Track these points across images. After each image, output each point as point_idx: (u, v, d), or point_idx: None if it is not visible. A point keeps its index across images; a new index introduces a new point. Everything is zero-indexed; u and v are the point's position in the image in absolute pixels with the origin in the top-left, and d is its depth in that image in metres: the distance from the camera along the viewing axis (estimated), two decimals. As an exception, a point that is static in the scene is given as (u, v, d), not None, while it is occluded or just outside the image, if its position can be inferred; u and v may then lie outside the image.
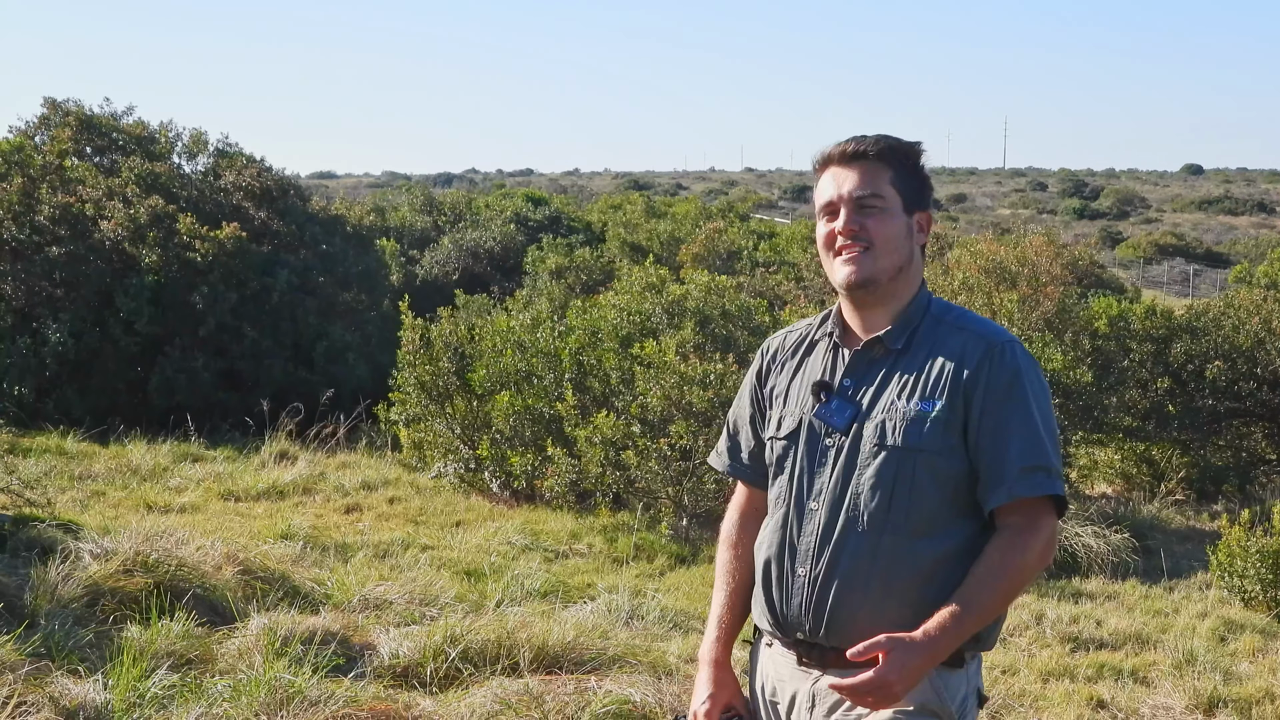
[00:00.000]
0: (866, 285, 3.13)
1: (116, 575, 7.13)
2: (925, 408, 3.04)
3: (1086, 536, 11.77)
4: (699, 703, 3.23)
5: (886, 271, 3.13)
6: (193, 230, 17.17)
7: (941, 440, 3.03)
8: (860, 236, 3.11)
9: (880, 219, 3.11)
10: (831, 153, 3.20)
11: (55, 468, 12.37)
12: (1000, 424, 3.02)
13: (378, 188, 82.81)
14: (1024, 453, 3.01)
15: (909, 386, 3.08)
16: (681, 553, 10.85)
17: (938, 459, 3.03)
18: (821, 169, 3.22)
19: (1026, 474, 3.00)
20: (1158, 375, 16.73)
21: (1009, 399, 3.03)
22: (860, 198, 3.12)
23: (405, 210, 36.55)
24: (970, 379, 3.04)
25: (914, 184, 3.18)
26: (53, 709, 5.23)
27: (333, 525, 10.78)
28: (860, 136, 3.18)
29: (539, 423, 12.76)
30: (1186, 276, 51.23)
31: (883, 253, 3.11)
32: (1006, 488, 3.00)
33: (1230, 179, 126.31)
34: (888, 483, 3.04)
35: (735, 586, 3.34)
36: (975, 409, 3.03)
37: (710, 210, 41.02)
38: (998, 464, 3.01)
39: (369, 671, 6.39)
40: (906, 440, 3.04)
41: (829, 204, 3.17)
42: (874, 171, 3.13)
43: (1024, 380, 3.06)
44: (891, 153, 3.16)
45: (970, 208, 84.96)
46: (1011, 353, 3.08)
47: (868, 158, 3.14)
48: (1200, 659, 8.18)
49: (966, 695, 3.09)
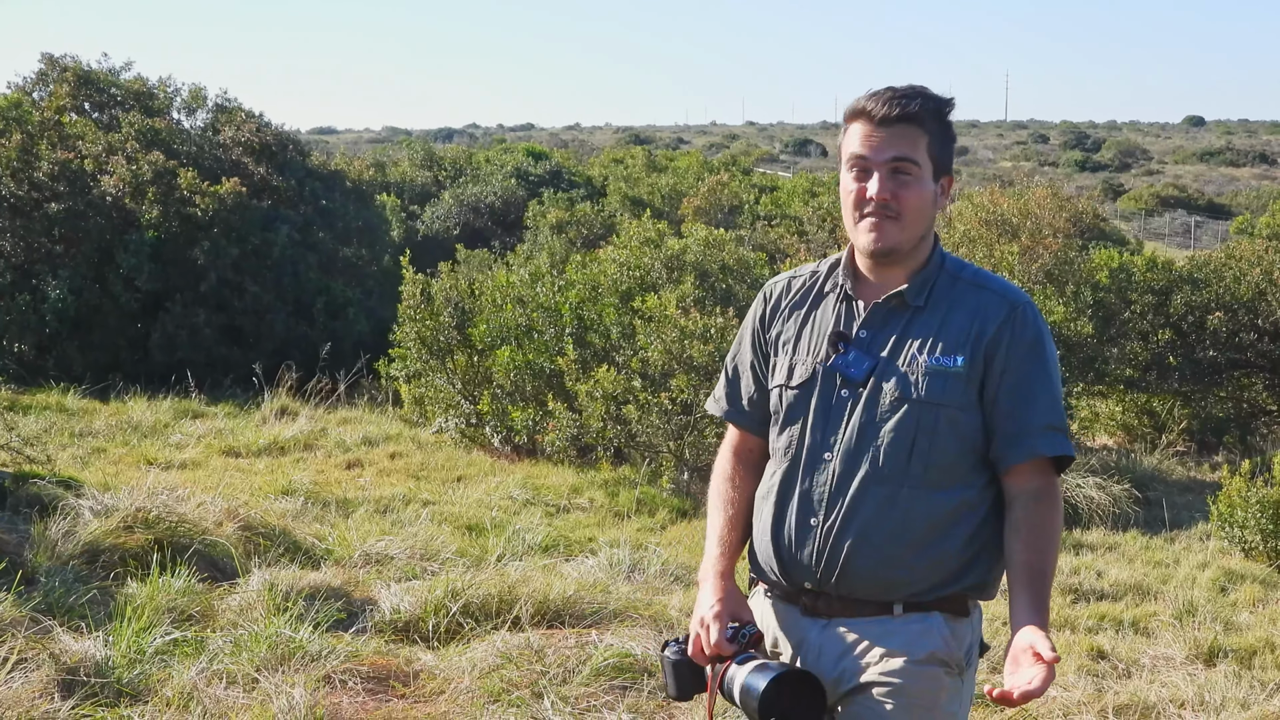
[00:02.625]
0: (888, 254, 3.10)
1: (117, 532, 7.13)
2: (948, 362, 3.03)
3: (1088, 488, 11.79)
4: (706, 608, 3.12)
5: (910, 241, 3.10)
6: (193, 186, 17.10)
7: (963, 395, 3.03)
8: (890, 206, 3.05)
9: (913, 187, 3.05)
10: (870, 109, 3.06)
11: (55, 425, 12.37)
12: (1021, 383, 3.03)
13: (378, 143, 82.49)
14: (1046, 412, 3.03)
15: (930, 341, 3.06)
16: (683, 506, 10.86)
17: (959, 413, 3.03)
18: (853, 119, 3.10)
19: (1048, 433, 3.02)
20: (1159, 327, 16.74)
21: (1031, 360, 3.04)
22: (897, 165, 3.04)
23: (406, 165, 36.47)
24: (994, 338, 3.04)
25: (946, 148, 3.11)
26: (54, 665, 5.23)
27: (334, 481, 10.78)
28: (902, 95, 3.05)
29: (540, 377, 12.75)
30: (1188, 228, 51.20)
31: (910, 223, 3.07)
32: (1029, 445, 3.01)
33: (1232, 130, 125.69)
34: (908, 435, 3.03)
35: (735, 513, 3.30)
36: (997, 367, 3.03)
37: (712, 164, 40.91)
38: (1020, 422, 3.02)
39: (370, 626, 6.40)
40: (930, 394, 3.03)
41: (862, 160, 3.07)
42: (912, 136, 3.04)
43: (1045, 342, 3.08)
44: (930, 116, 3.06)
45: (972, 160, 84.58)
46: (1034, 314, 3.08)
47: (908, 121, 3.04)
48: (1201, 609, 8.20)
49: (971, 644, 3.12)
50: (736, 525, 3.29)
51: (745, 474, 3.34)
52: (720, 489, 3.37)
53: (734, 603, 3.14)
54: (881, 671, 3.02)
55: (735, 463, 3.38)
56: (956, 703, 3.08)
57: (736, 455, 3.39)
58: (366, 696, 5.54)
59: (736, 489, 3.34)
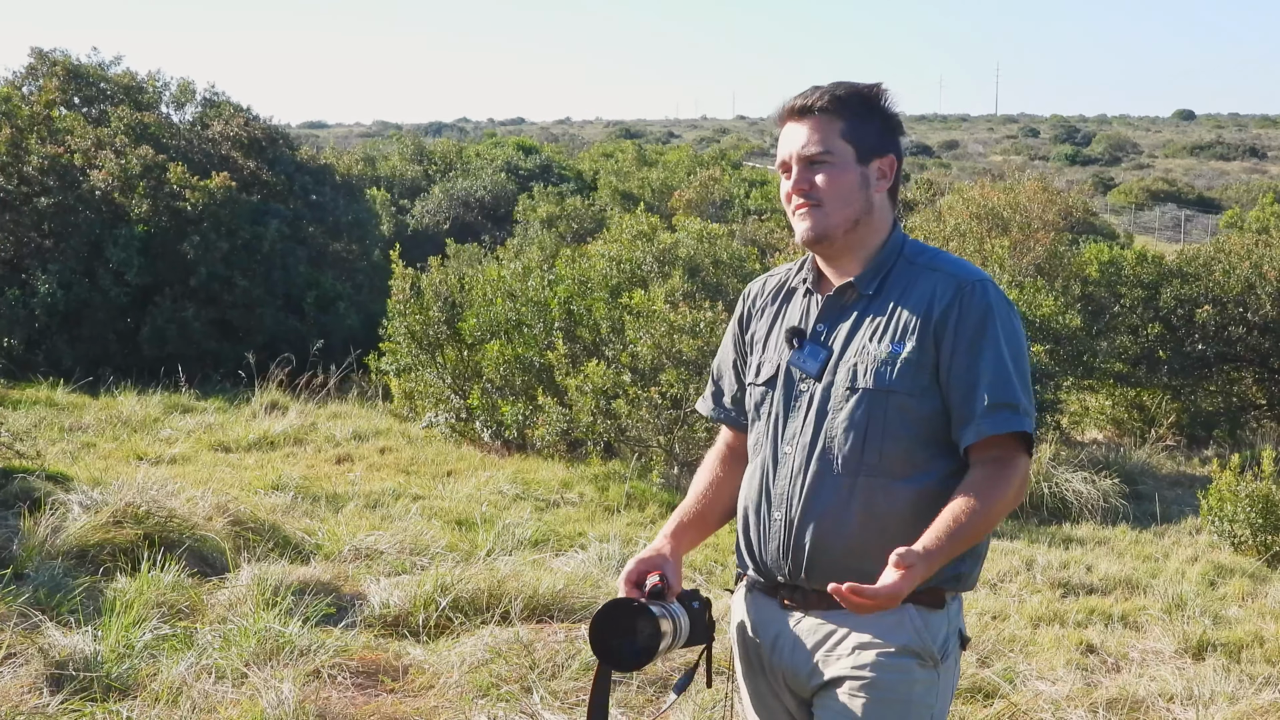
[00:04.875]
0: (820, 241, 3.12)
1: (107, 527, 7.12)
2: (895, 349, 3.03)
3: (1077, 482, 11.81)
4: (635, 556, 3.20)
5: (840, 226, 3.10)
6: (183, 180, 17.09)
7: (913, 381, 3.02)
8: (810, 194, 3.09)
9: (830, 174, 3.08)
10: (785, 108, 3.16)
11: (45, 419, 12.34)
12: (970, 363, 3.01)
13: (369, 137, 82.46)
14: (993, 390, 2.98)
15: (880, 329, 3.07)
16: (673, 501, 10.85)
17: (909, 400, 3.02)
18: (781, 123, 3.20)
19: (993, 411, 2.97)
20: (1148, 321, 16.77)
21: (980, 337, 3.01)
22: (808, 155, 3.09)
23: (395, 159, 36.47)
24: (940, 319, 3.02)
25: (870, 131, 3.12)
26: (43, 660, 5.23)
27: (323, 475, 10.77)
28: (811, 89, 3.15)
29: (529, 372, 12.75)
30: (1178, 222, 51.23)
31: (833, 209, 3.09)
32: (975, 426, 2.98)
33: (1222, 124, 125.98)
34: (860, 425, 3.03)
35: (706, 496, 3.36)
36: (946, 349, 3.02)
37: (702, 158, 40.92)
38: (968, 403, 3.00)
39: (359, 621, 6.41)
40: (877, 382, 3.03)
41: (783, 163, 3.17)
42: (824, 125, 3.09)
43: (994, 318, 3.03)
44: (841, 103, 3.10)
45: (962, 154, 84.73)
46: (983, 290, 3.05)
47: (816, 112, 3.10)
48: (1190, 603, 8.22)
49: (948, 636, 3.10)
50: (705, 504, 3.35)
51: (727, 469, 3.38)
52: (704, 468, 3.43)
53: (663, 559, 3.18)
54: (854, 665, 3.03)
55: (718, 459, 3.43)
56: (932, 695, 3.07)
57: (722, 453, 3.44)
58: (355, 691, 5.54)
59: (714, 479, 3.38)
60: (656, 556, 3.18)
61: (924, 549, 2.79)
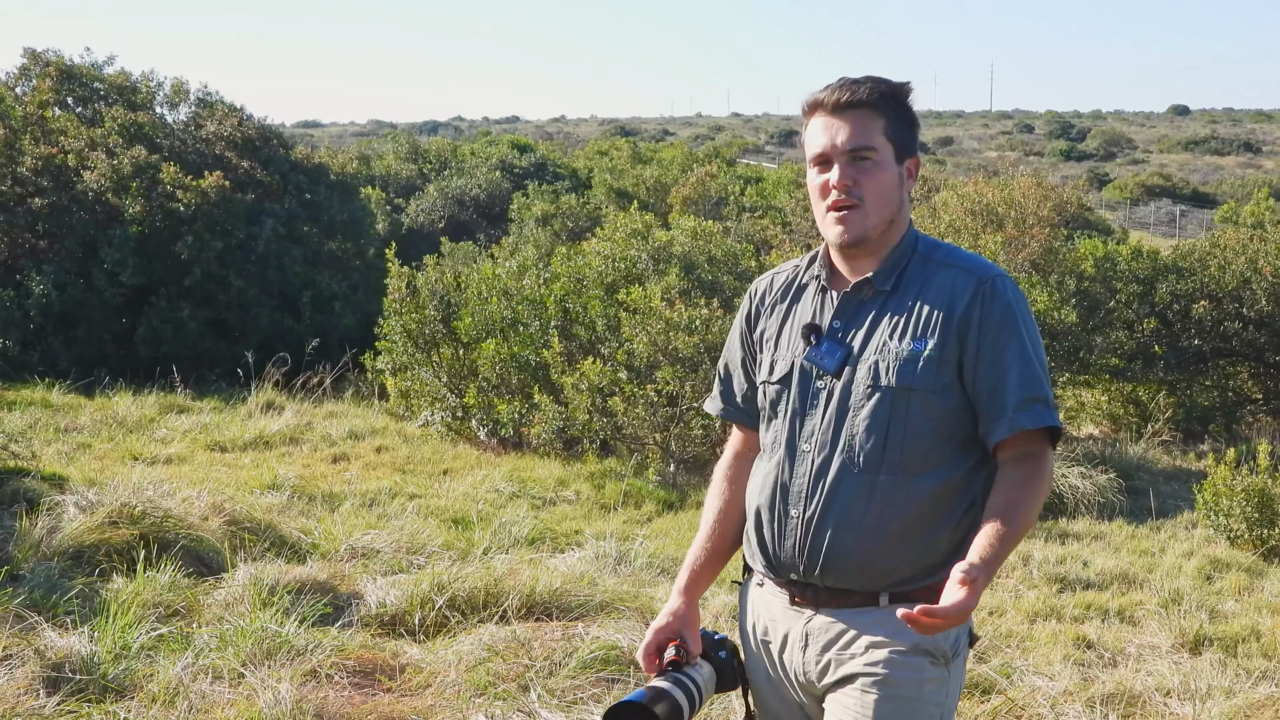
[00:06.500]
0: (857, 244, 3.08)
1: (103, 527, 7.12)
2: (918, 347, 3.01)
3: (1073, 477, 11.81)
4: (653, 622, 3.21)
5: (877, 228, 3.07)
6: (176, 180, 17.08)
7: (935, 379, 3.01)
8: (853, 192, 3.04)
9: (873, 173, 3.04)
10: (823, 99, 3.08)
11: (40, 420, 12.33)
12: (996, 358, 3.00)
13: (364, 136, 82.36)
14: (1022, 385, 2.98)
15: (900, 326, 3.05)
16: (669, 498, 10.86)
17: (932, 397, 3.01)
18: (810, 114, 3.12)
19: (1026, 406, 2.97)
20: (1144, 316, 16.75)
21: (1003, 333, 3.00)
22: (856, 149, 3.03)
23: (390, 158, 36.44)
24: (963, 317, 3.01)
25: (905, 130, 3.10)
26: (39, 661, 5.22)
27: (320, 475, 10.77)
28: (852, 82, 3.07)
29: (525, 370, 12.75)
30: (1173, 217, 51.25)
31: (874, 209, 3.05)
32: (1008, 421, 2.97)
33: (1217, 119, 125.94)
34: (882, 423, 3.02)
35: (723, 518, 3.33)
36: (970, 346, 3.01)
37: (697, 156, 40.89)
38: (998, 398, 2.99)
39: (356, 620, 6.40)
40: (900, 380, 3.01)
41: (821, 155, 3.08)
42: (867, 121, 3.04)
43: (1016, 314, 3.03)
44: (885, 100, 3.06)
45: (957, 150, 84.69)
46: (1002, 286, 3.05)
47: (861, 106, 3.04)
48: (1186, 598, 8.21)
49: (959, 634, 3.09)
50: (716, 541, 3.33)
51: (739, 477, 3.35)
52: (714, 490, 3.40)
53: (680, 622, 3.20)
54: (866, 662, 3.02)
55: (732, 463, 3.40)
56: (942, 693, 3.06)
57: (735, 455, 3.41)
58: (353, 690, 5.53)
59: (720, 495, 3.36)
60: (673, 623, 3.19)
61: (981, 559, 2.77)
